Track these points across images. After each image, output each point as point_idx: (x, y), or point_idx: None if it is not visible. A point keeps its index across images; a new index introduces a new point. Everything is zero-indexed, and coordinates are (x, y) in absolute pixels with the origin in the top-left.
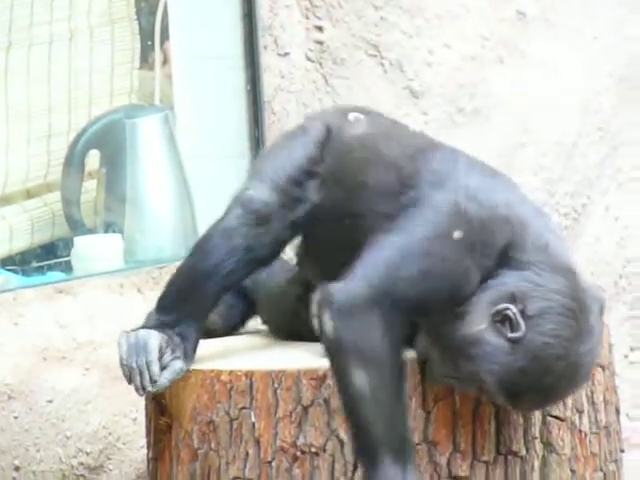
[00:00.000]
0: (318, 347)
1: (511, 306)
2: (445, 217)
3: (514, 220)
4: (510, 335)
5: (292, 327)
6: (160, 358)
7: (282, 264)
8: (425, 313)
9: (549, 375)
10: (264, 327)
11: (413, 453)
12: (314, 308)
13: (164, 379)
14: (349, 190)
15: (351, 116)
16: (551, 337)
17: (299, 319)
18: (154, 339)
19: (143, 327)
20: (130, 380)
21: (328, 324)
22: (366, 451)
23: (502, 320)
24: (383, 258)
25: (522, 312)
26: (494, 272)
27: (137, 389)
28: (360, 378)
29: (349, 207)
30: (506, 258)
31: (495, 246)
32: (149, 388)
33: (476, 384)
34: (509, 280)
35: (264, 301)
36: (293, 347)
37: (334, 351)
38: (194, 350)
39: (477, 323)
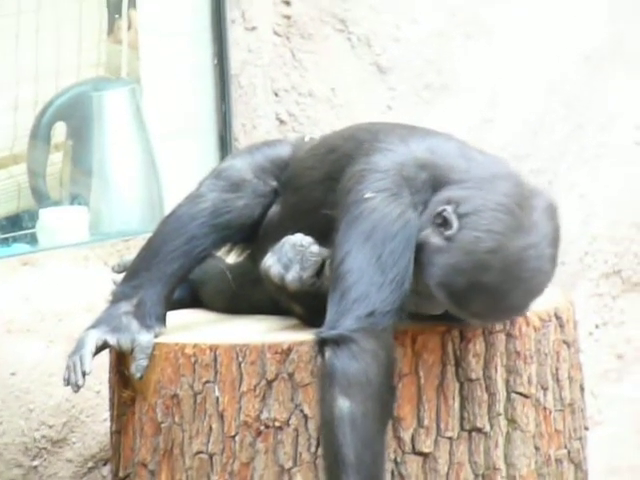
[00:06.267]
0: (280, 321)
1: (447, 207)
2: (366, 187)
3: (434, 157)
4: (445, 233)
5: (238, 305)
6: (95, 352)
7: (219, 259)
8: (406, 284)
9: (486, 271)
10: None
11: None
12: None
13: (141, 361)
14: (299, 191)
15: (307, 137)
16: (483, 232)
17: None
18: (89, 337)
19: (86, 328)
20: (67, 381)
21: (325, 356)
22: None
23: (442, 222)
24: (348, 281)
25: (456, 212)
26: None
27: (72, 386)
28: (342, 406)
29: (299, 206)
30: (441, 184)
31: (421, 179)
32: (80, 382)
33: (432, 298)
34: (450, 190)
35: (209, 286)
36: (257, 320)
37: (323, 380)
38: (158, 317)
39: (423, 230)
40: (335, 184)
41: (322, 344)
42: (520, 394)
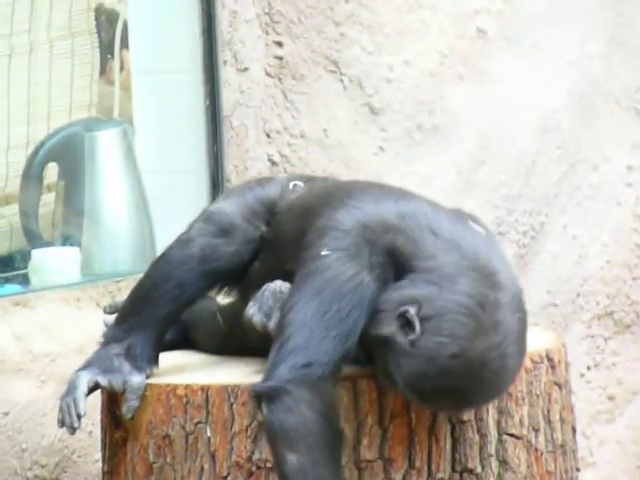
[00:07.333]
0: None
1: (410, 308)
2: (324, 244)
3: (401, 223)
4: (409, 338)
5: (227, 345)
6: (87, 393)
7: (210, 300)
8: (351, 341)
9: (450, 375)
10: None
11: None
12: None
13: (132, 402)
14: (275, 252)
15: (291, 184)
16: (445, 337)
17: (234, 337)
18: (81, 379)
19: (77, 369)
20: (62, 423)
21: (263, 411)
22: None
23: (405, 323)
24: (289, 332)
25: (419, 314)
26: (401, 274)
27: (67, 428)
28: (290, 461)
29: (277, 266)
30: (409, 262)
31: (383, 242)
32: (75, 425)
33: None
34: (415, 284)
35: (201, 328)
36: (249, 362)
37: (267, 437)
38: (149, 359)
39: (387, 324)
40: (299, 244)
41: (258, 398)
42: (512, 435)
